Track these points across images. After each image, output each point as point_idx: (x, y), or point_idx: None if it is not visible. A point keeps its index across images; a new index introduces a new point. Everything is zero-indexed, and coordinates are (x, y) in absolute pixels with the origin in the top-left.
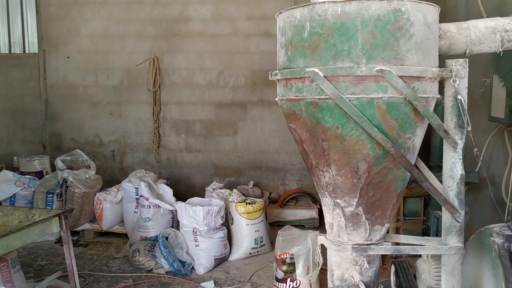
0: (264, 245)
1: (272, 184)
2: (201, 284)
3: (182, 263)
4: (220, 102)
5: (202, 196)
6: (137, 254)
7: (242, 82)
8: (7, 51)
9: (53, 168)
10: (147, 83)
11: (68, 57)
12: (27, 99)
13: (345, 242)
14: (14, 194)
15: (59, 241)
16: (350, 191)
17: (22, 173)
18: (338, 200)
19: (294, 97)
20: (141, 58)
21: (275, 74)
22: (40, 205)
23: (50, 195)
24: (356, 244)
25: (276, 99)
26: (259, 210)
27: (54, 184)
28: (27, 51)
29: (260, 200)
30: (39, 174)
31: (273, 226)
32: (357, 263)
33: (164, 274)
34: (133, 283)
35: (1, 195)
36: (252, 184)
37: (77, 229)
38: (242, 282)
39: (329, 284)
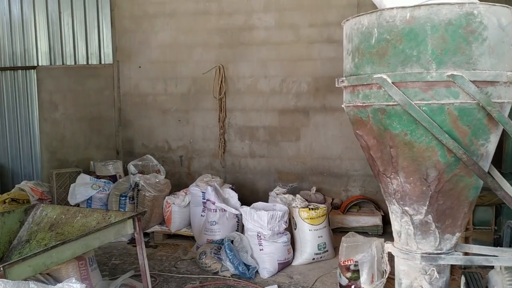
0: (327, 251)
1: (335, 190)
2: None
3: (247, 266)
4: (283, 109)
5: (266, 201)
6: (204, 256)
7: (305, 88)
8: (85, 63)
9: (126, 172)
10: (213, 91)
11: (140, 67)
12: (102, 107)
13: (413, 251)
14: (91, 196)
15: (131, 241)
16: (419, 199)
17: (98, 177)
18: (406, 208)
19: (361, 104)
20: (207, 66)
21: (341, 81)
22: (114, 207)
23: (123, 198)
24: (426, 253)
25: (342, 105)
26: (322, 215)
27: (126, 188)
28: (102, 62)
29: (323, 206)
30: (113, 178)
31: (336, 232)
32: (426, 273)
33: (229, 277)
34: (200, 284)
35: (79, 197)
36: (314, 189)
37: (147, 231)
38: (305, 287)
39: None
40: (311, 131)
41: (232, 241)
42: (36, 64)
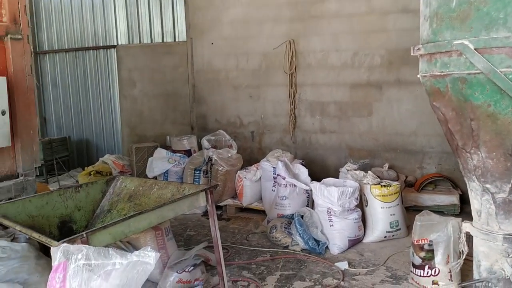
0: (400, 229)
1: (408, 167)
2: (335, 264)
3: (317, 241)
4: (354, 83)
5: (336, 177)
6: (275, 230)
7: (378, 62)
8: (160, 40)
9: (200, 147)
10: (283, 66)
11: (212, 43)
12: (177, 84)
13: (495, 231)
14: (167, 170)
15: (205, 214)
16: (503, 176)
17: (174, 151)
18: (487, 185)
19: (439, 73)
20: (278, 41)
21: (417, 49)
22: (189, 180)
23: (197, 172)
24: (509, 234)
25: (418, 76)
26: (394, 193)
27: (200, 162)
28: (177, 40)
29: (396, 183)
30: (188, 152)
31: (409, 210)
32: (508, 255)
33: (299, 251)
34: (271, 257)
35: (156, 171)
36: (387, 166)
37: (220, 204)
38: (376, 265)
39: (475, 275)
40: (384, 106)
41: (302, 216)
42: (116, 43)
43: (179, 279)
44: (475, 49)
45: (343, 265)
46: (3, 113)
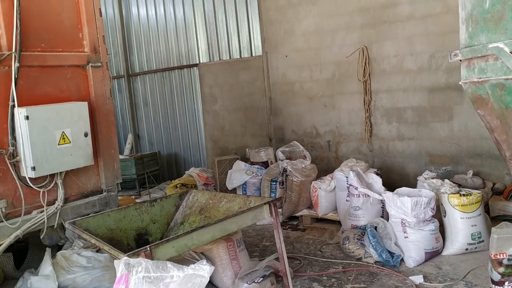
0: (483, 241)
1: (496, 173)
2: (410, 277)
3: (391, 254)
4: (432, 87)
5: (416, 186)
6: (347, 241)
7: (457, 63)
8: (238, 56)
9: (277, 158)
10: (357, 74)
11: (286, 56)
12: (255, 97)
13: None
14: (246, 181)
15: (282, 224)
16: None
17: (252, 163)
18: None
19: (477, 79)
20: (350, 49)
21: (454, 55)
22: (266, 191)
23: (274, 183)
24: None
25: (459, 83)
26: (476, 202)
27: (277, 173)
28: (253, 54)
29: (477, 191)
30: (265, 164)
31: (497, 220)
32: None
33: (372, 264)
34: (343, 269)
35: (235, 182)
36: (471, 173)
37: (296, 214)
38: (455, 280)
39: None
40: (465, 109)
41: (375, 227)
42: (198, 62)
43: None
44: (510, 52)
45: (418, 279)
46: (86, 135)
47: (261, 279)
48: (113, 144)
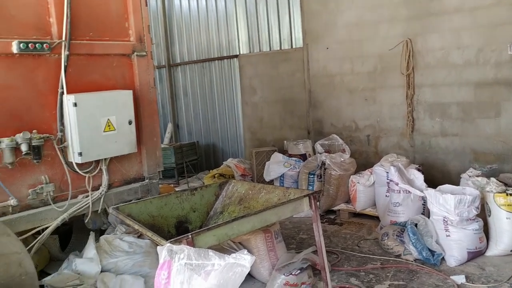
0: None
1: None
2: (451, 277)
3: (431, 252)
4: (479, 82)
5: (458, 184)
6: (386, 238)
7: (507, 57)
8: (278, 48)
9: (315, 151)
10: (400, 67)
11: (327, 48)
12: (294, 90)
13: None
14: (283, 173)
15: (321, 218)
16: None
17: (290, 156)
18: None
19: None
20: (394, 42)
21: None
22: (303, 184)
23: (312, 176)
24: None
25: None
26: None
27: (315, 166)
28: (293, 46)
29: None
30: (303, 157)
31: None
32: None
33: (412, 261)
34: (381, 266)
35: (273, 174)
36: None
37: (334, 208)
38: (499, 281)
39: None
40: None
41: (416, 225)
42: (238, 53)
43: (286, 281)
44: None
45: (460, 279)
46: (130, 122)
47: (299, 271)
48: (155, 132)
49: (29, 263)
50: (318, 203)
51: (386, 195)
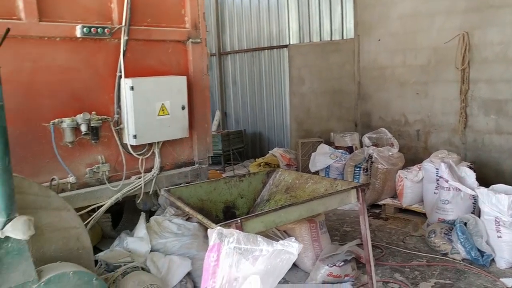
0: None
1: None
2: (501, 279)
3: (481, 252)
4: None
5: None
6: (433, 235)
7: None
8: (328, 39)
9: (362, 144)
10: (455, 61)
11: (379, 40)
12: (343, 81)
13: None
14: (329, 165)
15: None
16: None
17: (336, 147)
18: None
19: None
20: (449, 35)
21: None
22: (349, 177)
23: (358, 169)
24: None
25: None
26: None
27: (361, 159)
28: (344, 37)
29: None
30: (350, 149)
31: None
32: None
33: (459, 261)
34: (427, 263)
35: (318, 165)
36: None
37: (379, 202)
38: None
39: None
40: None
41: (465, 223)
42: (288, 43)
43: (330, 272)
44: None
45: (510, 281)
46: (183, 108)
47: (342, 263)
48: (207, 118)
49: (86, 238)
50: None
51: (434, 192)
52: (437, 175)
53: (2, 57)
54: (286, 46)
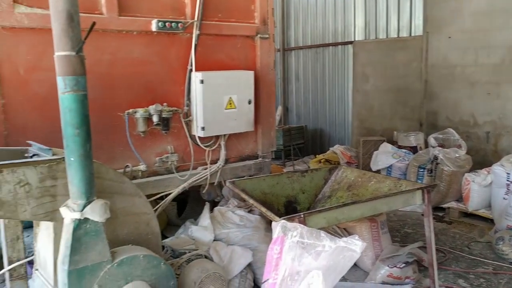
0: None
1: None
2: None
3: None
4: None
5: None
6: (502, 242)
7: None
8: (395, 35)
9: (426, 144)
10: None
11: (450, 37)
12: (409, 79)
13: None
14: (391, 165)
15: None
16: None
17: (399, 147)
18: None
19: None
20: None
21: None
22: (411, 178)
23: (421, 170)
24: None
25: None
26: None
27: (425, 160)
28: (412, 34)
29: None
30: (414, 149)
31: None
32: None
33: None
34: (493, 271)
35: (380, 164)
36: None
37: (443, 205)
38: None
39: None
40: None
41: None
42: (353, 39)
43: (390, 273)
44: None
45: None
46: (249, 102)
47: (404, 265)
48: (271, 113)
49: (155, 224)
50: None
51: (504, 198)
52: (507, 180)
53: (85, 49)
54: (351, 42)
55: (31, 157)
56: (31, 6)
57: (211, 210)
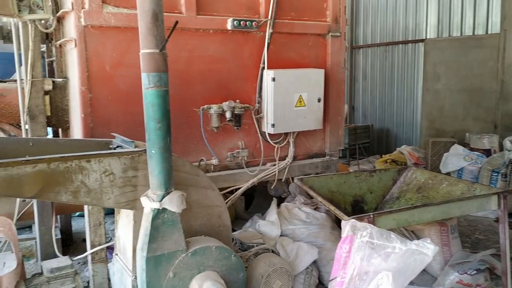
0: None
1: None
2: None
3: None
4: None
5: None
6: None
7: None
8: (470, 33)
9: (501, 147)
10: None
11: None
12: (484, 79)
13: None
14: (462, 167)
15: (498, 220)
16: None
17: (471, 149)
18: None
19: None
20: None
21: None
22: (484, 181)
23: (495, 174)
24: None
25: None
26: None
27: (500, 164)
28: (489, 32)
29: None
30: (487, 152)
31: None
32: None
33: None
34: None
35: (450, 167)
36: None
37: None
38: None
39: None
40: None
41: None
42: (424, 37)
43: (460, 280)
44: None
45: None
46: (319, 100)
47: (475, 272)
48: (340, 111)
49: (227, 217)
50: None
51: None
52: None
53: (166, 47)
54: (422, 40)
55: (114, 148)
56: (117, 6)
57: (278, 206)
